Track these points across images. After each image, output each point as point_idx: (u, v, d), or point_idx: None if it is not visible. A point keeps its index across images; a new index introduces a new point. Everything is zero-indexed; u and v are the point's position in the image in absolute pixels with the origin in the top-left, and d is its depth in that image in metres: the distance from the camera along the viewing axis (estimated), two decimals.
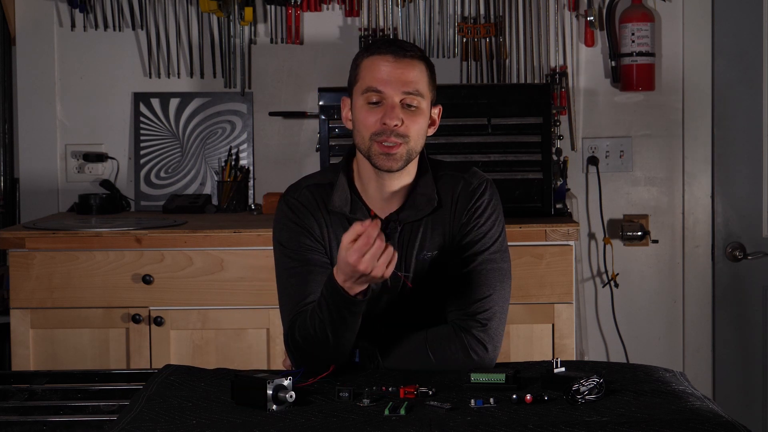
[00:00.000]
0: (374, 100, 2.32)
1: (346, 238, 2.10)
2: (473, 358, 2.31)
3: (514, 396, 2.03)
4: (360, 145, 2.35)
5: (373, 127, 2.31)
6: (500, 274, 2.38)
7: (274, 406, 2.00)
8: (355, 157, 2.44)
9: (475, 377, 2.14)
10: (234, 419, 1.96)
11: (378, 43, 2.38)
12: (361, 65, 2.36)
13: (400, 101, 2.32)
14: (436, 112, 2.41)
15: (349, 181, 2.42)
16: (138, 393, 2.18)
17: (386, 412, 1.97)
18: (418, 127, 2.34)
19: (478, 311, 2.34)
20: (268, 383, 2.00)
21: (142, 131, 4.11)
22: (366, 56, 2.36)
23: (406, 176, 2.39)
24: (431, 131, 2.40)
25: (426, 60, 2.37)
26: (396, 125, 2.30)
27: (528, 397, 2.02)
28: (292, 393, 2.01)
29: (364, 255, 2.07)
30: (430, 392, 2.08)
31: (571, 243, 3.44)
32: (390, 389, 2.12)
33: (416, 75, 2.33)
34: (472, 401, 2.02)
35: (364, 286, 2.15)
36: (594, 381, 2.03)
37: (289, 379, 2.02)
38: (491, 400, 2.02)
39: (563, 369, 2.14)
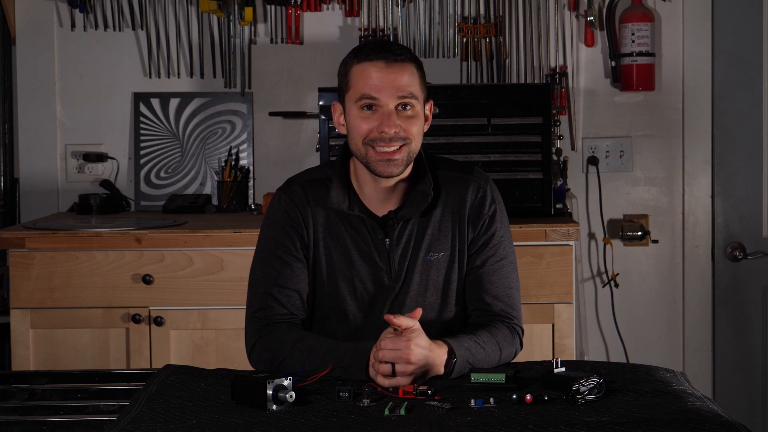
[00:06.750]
0: (368, 104, 2.32)
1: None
2: (519, 349, 2.46)
3: (514, 396, 2.03)
4: (356, 152, 2.37)
5: (367, 134, 2.32)
6: (515, 267, 2.50)
7: (274, 406, 2.00)
8: (352, 156, 2.44)
9: (475, 377, 2.14)
10: (234, 419, 1.96)
11: (366, 48, 2.36)
12: (352, 72, 2.35)
13: (396, 106, 2.32)
14: (428, 108, 2.42)
15: (347, 178, 2.44)
16: (138, 393, 2.18)
17: (386, 412, 1.97)
18: (417, 129, 2.35)
19: (511, 307, 2.45)
20: (268, 383, 2.00)
21: (142, 131, 4.11)
22: (356, 62, 2.34)
23: (404, 173, 2.40)
24: (425, 127, 2.41)
25: (416, 60, 2.37)
26: (395, 132, 2.31)
27: (528, 397, 2.02)
28: (292, 393, 2.01)
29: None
30: (430, 392, 2.08)
31: (571, 243, 3.44)
32: (390, 389, 2.12)
33: (408, 78, 2.33)
34: (472, 401, 2.02)
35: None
36: (594, 381, 2.03)
37: (289, 379, 2.02)
38: (491, 400, 2.02)
39: (563, 369, 2.14)
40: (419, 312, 2.22)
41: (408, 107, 2.33)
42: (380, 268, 2.40)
